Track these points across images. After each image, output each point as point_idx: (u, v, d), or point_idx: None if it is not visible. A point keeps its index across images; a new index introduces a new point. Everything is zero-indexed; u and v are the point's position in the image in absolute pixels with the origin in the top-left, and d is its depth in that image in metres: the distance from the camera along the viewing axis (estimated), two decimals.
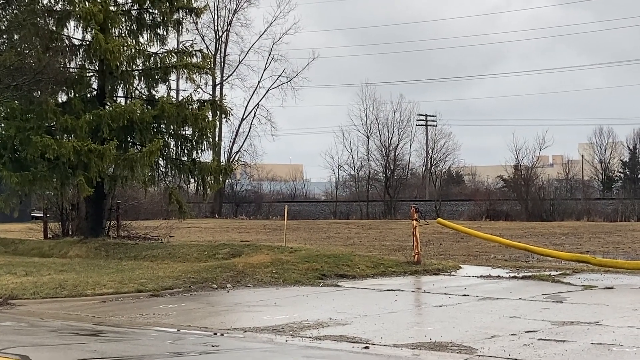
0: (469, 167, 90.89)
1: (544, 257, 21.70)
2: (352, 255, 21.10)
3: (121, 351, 11.10)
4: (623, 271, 18.63)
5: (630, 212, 55.37)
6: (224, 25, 72.88)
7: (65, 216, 31.95)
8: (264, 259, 19.83)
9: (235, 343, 11.77)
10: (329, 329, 12.43)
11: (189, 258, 22.62)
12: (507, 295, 15.65)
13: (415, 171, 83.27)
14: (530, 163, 67.05)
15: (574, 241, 30.33)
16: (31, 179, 26.28)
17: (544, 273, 18.80)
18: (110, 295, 16.75)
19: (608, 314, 13.06)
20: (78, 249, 25.93)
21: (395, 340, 11.37)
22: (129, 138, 28.04)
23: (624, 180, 78.65)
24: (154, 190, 37.27)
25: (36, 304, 16.26)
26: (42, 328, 13.58)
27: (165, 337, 12.31)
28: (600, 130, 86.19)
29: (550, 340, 11.05)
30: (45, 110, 26.27)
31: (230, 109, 32.39)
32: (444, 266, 20.40)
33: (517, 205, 59.82)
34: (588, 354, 10.16)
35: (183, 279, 18.14)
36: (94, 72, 28.33)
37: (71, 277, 18.69)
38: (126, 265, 21.89)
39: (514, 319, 12.84)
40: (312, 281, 18.25)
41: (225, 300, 16.35)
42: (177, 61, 28.54)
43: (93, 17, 26.67)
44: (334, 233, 39.31)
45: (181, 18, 29.31)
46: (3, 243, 29.45)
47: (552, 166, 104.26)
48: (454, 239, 31.54)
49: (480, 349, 10.62)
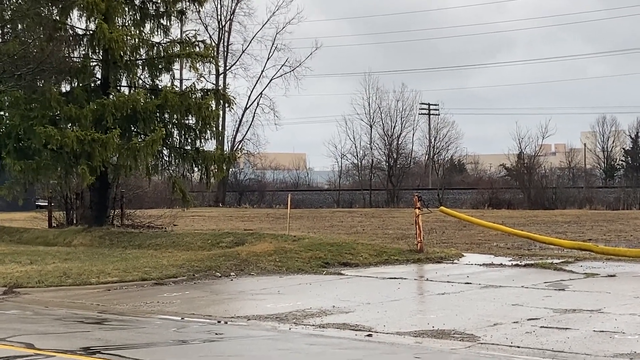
0: (472, 156, 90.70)
1: (547, 245, 21.70)
2: (355, 244, 21.10)
3: (125, 339, 11.12)
4: (625, 259, 18.63)
5: (633, 200, 55.31)
6: (227, 15, 72.70)
7: (70, 205, 31.97)
8: (267, 248, 19.84)
9: (239, 331, 11.79)
10: (332, 317, 12.45)
11: (193, 247, 22.62)
12: (509, 283, 15.65)
13: (417, 160, 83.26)
14: (532, 152, 67.16)
15: (576, 229, 30.31)
16: (35, 167, 26.32)
17: (546, 261, 18.81)
18: (115, 284, 16.78)
19: (610, 302, 13.07)
20: (82, 238, 25.96)
21: (398, 328, 11.38)
22: (132, 127, 28.02)
23: (626, 169, 78.63)
24: (158, 179, 37.25)
25: (41, 292, 16.29)
26: (47, 316, 13.61)
27: (169, 325, 12.33)
28: (603, 119, 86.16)
29: (553, 327, 11.06)
30: (49, 100, 26.29)
31: (234, 98, 32.34)
32: (447, 254, 20.39)
33: (519, 194, 59.80)
34: (590, 341, 10.16)
35: (187, 267, 18.16)
36: (97, 61, 28.31)
37: (75, 266, 18.71)
38: (130, 253, 21.90)
39: (517, 307, 12.85)
40: (315, 269, 18.26)
41: (228, 289, 16.37)
42: (181, 51, 28.53)
43: (96, 6, 26.64)
44: (337, 222, 39.31)
45: (184, 8, 29.32)
46: (8, 232, 29.50)
47: (555, 155, 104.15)
48: (457, 227, 31.53)
49: (483, 336, 10.63)
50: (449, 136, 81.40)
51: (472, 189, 64.91)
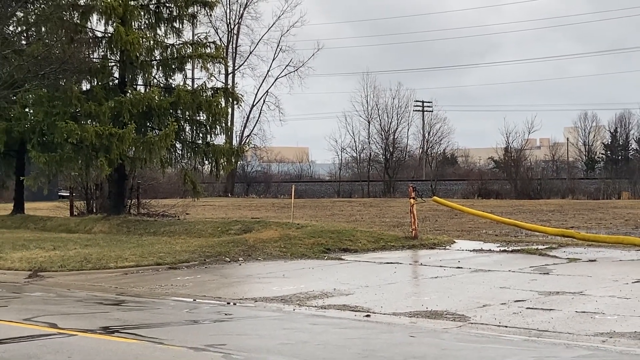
0: (463, 150, 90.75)
1: (532, 232, 21.69)
2: (355, 231, 21.08)
3: (142, 319, 11.13)
4: (605, 245, 18.61)
5: (612, 190, 55.30)
6: (236, 19, 72.82)
7: (90, 195, 32.03)
8: (273, 235, 19.84)
9: (246, 312, 11.79)
10: (333, 299, 12.45)
11: (204, 234, 22.62)
12: (497, 267, 15.63)
13: (412, 153, 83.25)
14: (519, 145, 67.14)
15: (560, 217, 30.30)
16: (58, 160, 26.37)
17: (531, 247, 18.79)
18: (132, 268, 16.78)
19: (591, 285, 13.06)
20: (102, 225, 25.97)
21: (394, 309, 11.38)
22: (147, 123, 28.06)
23: (605, 162, 78.71)
24: (171, 171, 37.26)
25: (63, 275, 16.31)
26: (69, 298, 13.62)
27: (182, 306, 12.34)
28: (584, 115, 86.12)
29: (538, 309, 11.05)
30: (70, 97, 26.33)
31: (242, 96, 32.39)
32: (440, 241, 20.38)
33: (507, 185, 59.82)
34: (572, 321, 10.16)
35: (198, 252, 18.16)
36: (115, 62, 28.32)
37: (95, 251, 18.72)
38: (146, 240, 21.91)
39: (504, 290, 12.84)
40: (318, 255, 18.25)
41: (237, 273, 16.37)
42: (192, 52, 28.52)
43: (114, 11, 26.70)
44: (337, 210, 39.32)
45: (196, 12, 29.32)
46: (33, 220, 29.52)
47: (540, 148, 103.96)
48: (449, 215, 31.54)
49: (473, 317, 10.63)
50: (441, 131, 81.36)
51: (463, 180, 64.95)
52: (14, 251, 19.44)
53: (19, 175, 31.17)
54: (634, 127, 79.59)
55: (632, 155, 77.98)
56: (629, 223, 26.92)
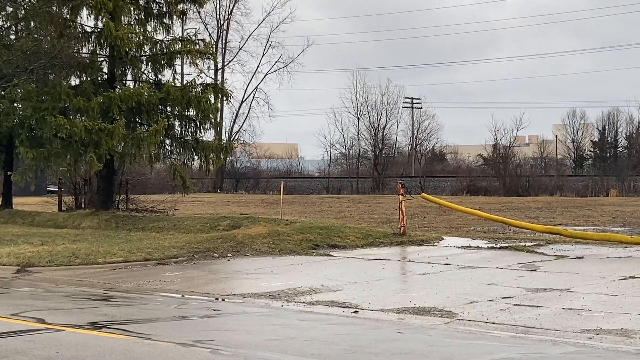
0: (452, 146, 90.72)
1: (520, 229, 21.73)
2: (343, 227, 21.10)
3: (130, 315, 11.11)
4: (592, 242, 18.67)
5: (600, 187, 55.48)
6: (226, 14, 72.64)
7: (79, 190, 31.94)
8: (261, 231, 19.83)
9: (235, 307, 11.78)
10: (321, 295, 12.45)
11: (193, 229, 22.60)
12: (485, 264, 15.66)
13: (401, 150, 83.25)
14: (508, 142, 67.31)
15: (548, 215, 30.38)
16: (46, 155, 26.31)
17: (519, 244, 18.83)
18: (120, 264, 16.76)
19: (578, 282, 13.09)
20: (90, 221, 25.91)
21: (382, 306, 11.39)
22: (137, 119, 28.01)
23: (593, 159, 78.84)
24: (160, 166, 37.23)
25: (51, 271, 16.27)
26: (57, 293, 13.58)
27: (170, 302, 12.32)
28: (573, 113, 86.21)
29: (525, 305, 11.08)
30: (59, 92, 26.26)
31: (231, 92, 32.41)
32: (428, 237, 20.41)
33: (495, 182, 59.92)
34: (559, 318, 10.19)
35: (187, 248, 18.14)
36: (104, 57, 28.25)
37: (84, 247, 18.68)
38: (134, 235, 21.88)
39: (492, 286, 12.87)
40: (306, 251, 18.25)
41: (225, 269, 16.36)
42: (182, 48, 28.49)
43: (104, 6, 26.59)
44: (326, 207, 39.31)
45: (185, 8, 29.30)
46: (21, 215, 29.44)
47: (528, 145, 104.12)
48: (437, 212, 31.57)
49: (461, 313, 10.65)
50: (430, 128, 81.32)
51: (452, 177, 64.96)
52: (1, 246, 19.39)
53: (7, 171, 31.09)
54: (622, 124, 79.89)
55: (620, 153, 78.25)
56: (616, 220, 27.00)
